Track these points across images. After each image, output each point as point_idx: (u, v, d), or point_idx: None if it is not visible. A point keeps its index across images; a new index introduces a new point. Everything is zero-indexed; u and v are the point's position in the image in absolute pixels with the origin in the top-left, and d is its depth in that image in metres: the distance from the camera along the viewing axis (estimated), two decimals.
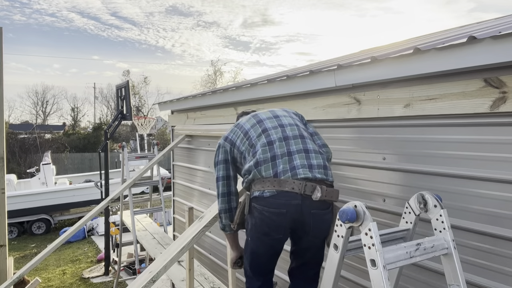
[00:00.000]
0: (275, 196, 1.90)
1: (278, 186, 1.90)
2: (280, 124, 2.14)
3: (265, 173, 1.96)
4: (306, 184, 1.88)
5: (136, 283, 2.36)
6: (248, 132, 2.15)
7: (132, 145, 23.02)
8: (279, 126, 2.12)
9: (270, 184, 1.92)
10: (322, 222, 1.94)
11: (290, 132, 2.09)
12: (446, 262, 1.66)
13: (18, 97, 70.63)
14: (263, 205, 1.93)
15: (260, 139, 2.07)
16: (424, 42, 2.51)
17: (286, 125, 2.13)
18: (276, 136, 2.06)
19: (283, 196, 1.89)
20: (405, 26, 67.69)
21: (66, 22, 58.46)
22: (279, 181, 1.91)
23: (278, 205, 1.90)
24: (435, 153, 2.06)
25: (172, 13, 66.00)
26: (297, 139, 2.06)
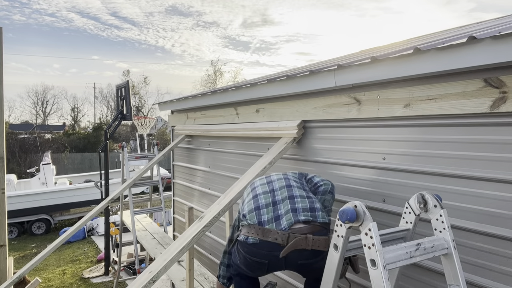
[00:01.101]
0: (258, 245, 1.89)
1: (261, 235, 1.89)
2: (269, 181, 2.24)
3: (250, 221, 1.99)
4: (289, 235, 1.84)
5: (136, 283, 2.36)
6: (245, 199, 2.25)
7: (132, 145, 23.02)
8: (266, 183, 2.22)
9: (255, 231, 1.92)
10: (311, 271, 1.91)
11: (277, 185, 2.17)
12: (446, 262, 1.66)
13: (18, 97, 70.65)
14: (246, 252, 1.95)
15: (248, 196, 2.19)
16: (424, 42, 2.51)
17: (274, 181, 2.22)
18: (261, 190, 2.15)
19: (265, 246, 1.87)
20: (405, 26, 67.70)
21: (66, 22, 58.51)
22: (263, 230, 1.90)
23: (260, 255, 1.90)
24: (435, 153, 2.06)
25: (172, 13, 66.02)
26: (283, 189, 2.11)
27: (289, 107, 3.12)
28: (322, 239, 1.85)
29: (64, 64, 63.53)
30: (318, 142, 2.86)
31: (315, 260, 1.86)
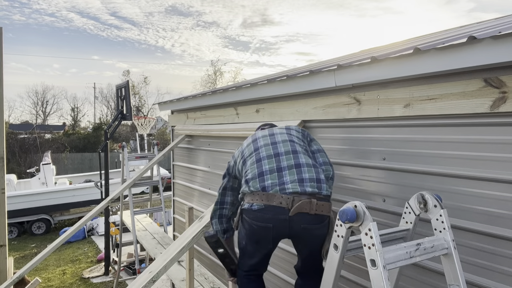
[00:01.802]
0: (263, 210, 1.93)
1: (266, 200, 1.93)
2: (273, 141, 2.18)
3: (253, 188, 2.00)
4: (294, 198, 1.88)
5: (136, 283, 2.36)
6: (243, 150, 2.27)
7: (132, 145, 23.01)
8: (271, 144, 2.17)
9: (259, 197, 1.95)
10: (314, 236, 1.95)
11: (282, 149, 2.12)
12: (446, 262, 1.66)
13: (18, 97, 70.70)
14: (251, 218, 1.98)
15: (251, 158, 2.16)
16: (424, 42, 2.51)
17: (279, 142, 2.18)
18: (265, 154, 2.12)
19: (270, 210, 1.90)
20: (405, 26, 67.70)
21: (66, 22, 58.48)
22: (267, 195, 1.93)
23: (265, 219, 1.93)
24: (435, 153, 2.06)
25: (172, 13, 65.99)
26: (289, 154, 2.08)
27: (289, 107, 3.12)
28: (326, 204, 1.90)
29: (64, 64, 63.54)
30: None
31: (318, 225, 1.90)
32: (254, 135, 2.35)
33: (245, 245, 2.14)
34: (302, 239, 2.00)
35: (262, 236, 1.99)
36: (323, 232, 1.92)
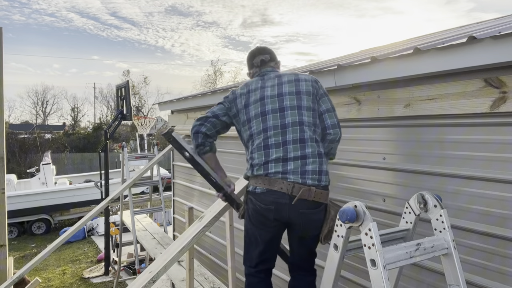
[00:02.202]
0: (265, 194, 2.05)
1: (268, 185, 2.04)
2: (281, 107, 2.10)
3: (257, 173, 2.08)
4: (294, 185, 1.99)
5: (136, 283, 2.36)
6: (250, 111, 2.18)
7: (132, 145, 23.01)
8: (278, 110, 2.10)
9: (262, 182, 2.06)
10: (311, 221, 2.04)
11: (291, 134, 2.05)
12: (446, 262, 1.66)
13: (18, 97, 70.62)
14: (256, 199, 2.10)
15: (259, 138, 2.11)
16: (424, 42, 2.51)
17: (287, 109, 2.09)
18: (274, 140, 2.07)
19: (272, 194, 2.02)
20: (405, 26, 67.71)
21: (66, 22, 58.50)
22: (269, 180, 2.04)
23: (267, 202, 2.04)
24: (435, 153, 2.06)
25: (172, 13, 66.03)
26: (296, 144, 2.04)
27: None
28: (324, 192, 2.02)
29: (64, 64, 63.56)
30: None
31: (315, 210, 2.02)
32: (263, 90, 2.17)
33: (250, 233, 2.22)
34: (298, 223, 2.07)
35: (265, 217, 2.09)
36: (319, 217, 2.04)
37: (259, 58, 2.34)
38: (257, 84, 2.22)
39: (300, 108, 2.08)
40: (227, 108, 2.28)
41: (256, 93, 2.18)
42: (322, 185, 2.02)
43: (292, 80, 2.17)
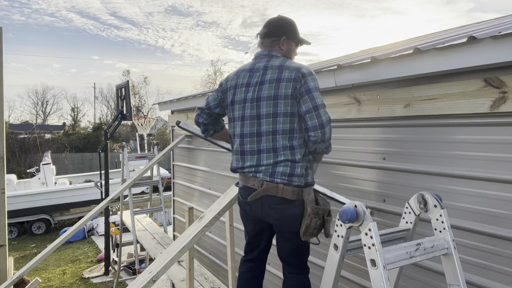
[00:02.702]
0: (243, 189, 2.22)
1: (244, 181, 2.19)
2: (258, 114, 2.09)
3: (236, 166, 2.23)
4: (263, 183, 2.08)
5: (136, 283, 2.36)
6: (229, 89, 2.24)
7: (132, 145, 23.01)
8: (256, 117, 2.10)
9: (240, 178, 2.24)
10: (284, 216, 2.09)
11: (264, 126, 2.08)
12: (446, 262, 1.66)
13: (18, 97, 70.77)
14: (239, 193, 2.30)
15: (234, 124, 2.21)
16: (424, 42, 2.51)
17: (263, 116, 2.08)
18: (248, 130, 2.12)
19: (247, 190, 2.16)
20: (405, 26, 67.70)
21: (66, 22, 58.57)
22: (245, 177, 2.18)
23: (245, 196, 2.19)
24: (435, 153, 2.06)
25: (172, 13, 66.08)
26: (269, 136, 2.07)
27: None
28: (289, 189, 2.03)
29: (64, 64, 63.65)
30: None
31: (288, 205, 2.05)
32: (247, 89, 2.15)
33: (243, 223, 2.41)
34: (273, 218, 2.13)
35: (244, 210, 2.28)
36: (293, 211, 2.05)
37: (260, 30, 2.26)
38: (245, 78, 2.18)
39: (276, 116, 2.05)
40: (220, 99, 2.31)
41: (242, 90, 2.17)
42: (294, 184, 2.04)
43: (274, 79, 2.07)
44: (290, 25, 2.26)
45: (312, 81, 2.05)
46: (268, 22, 2.26)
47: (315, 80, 2.07)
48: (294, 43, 2.28)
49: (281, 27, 2.23)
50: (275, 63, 2.12)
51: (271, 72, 2.10)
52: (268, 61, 2.16)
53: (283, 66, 2.09)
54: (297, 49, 2.34)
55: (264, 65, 2.15)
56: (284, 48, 2.23)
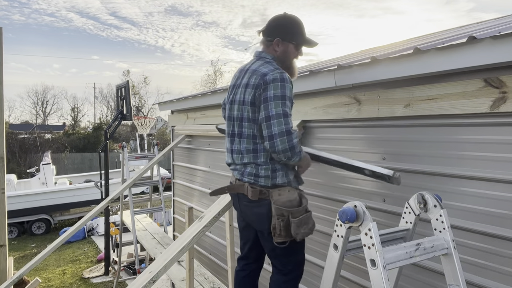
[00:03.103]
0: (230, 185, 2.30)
1: (231, 177, 2.32)
2: (231, 116, 2.20)
3: (226, 162, 2.32)
4: (236, 180, 2.21)
5: (136, 283, 2.36)
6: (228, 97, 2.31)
7: (132, 145, 23.01)
8: (233, 118, 2.18)
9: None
10: (254, 213, 2.17)
11: (236, 127, 2.17)
12: (446, 262, 1.66)
13: (18, 97, 70.78)
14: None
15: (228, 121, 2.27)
16: (424, 42, 2.51)
17: (235, 119, 2.17)
18: (230, 129, 2.22)
19: (229, 186, 2.29)
20: (405, 26, 67.70)
21: (65, 22, 58.60)
22: (232, 172, 2.30)
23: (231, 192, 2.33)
24: (435, 153, 2.06)
25: (171, 13, 66.11)
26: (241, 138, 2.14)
27: None
28: (254, 189, 2.10)
29: (64, 64, 63.69)
30: (318, 142, 2.85)
31: (255, 204, 2.13)
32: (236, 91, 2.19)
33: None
34: (246, 215, 2.25)
35: (234, 205, 2.38)
36: (261, 211, 2.10)
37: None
38: (235, 79, 2.26)
39: (241, 120, 2.11)
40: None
41: (230, 91, 2.26)
42: (259, 184, 2.10)
43: (245, 84, 2.10)
44: (289, 25, 2.16)
45: (274, 89, 1.95)
46: (269, 21, 2.22)
47: (279, 88, 1.95)
48: (292, 45, 2.17)
49: (277, 27, 2.16)
50: (253, 66, 2.11)
51: (246, 75, 2.12)
52: (253, 63, 2.16)
53: (255, 71, 2.07)
54: (299, 51, 2.23)
55: (248, 67, 2.17)
56: (279, 50, 2.16)
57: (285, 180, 2.10)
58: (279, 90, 1.96)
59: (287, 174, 2.12)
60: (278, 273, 2.24)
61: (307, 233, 2.07)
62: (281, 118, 1.93)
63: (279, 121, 1.93)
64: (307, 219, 2.07)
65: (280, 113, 1.93)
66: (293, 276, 2.22)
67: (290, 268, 2.21)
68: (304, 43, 2.23)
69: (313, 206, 2.85)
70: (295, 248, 2.17)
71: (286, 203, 2.05)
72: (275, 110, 1.93)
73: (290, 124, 1.97)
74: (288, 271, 2.21)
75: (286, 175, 2.11)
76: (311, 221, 2.10)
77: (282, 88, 1.97)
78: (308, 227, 2.08)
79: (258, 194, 2.09)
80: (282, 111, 1.94)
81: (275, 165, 2.09)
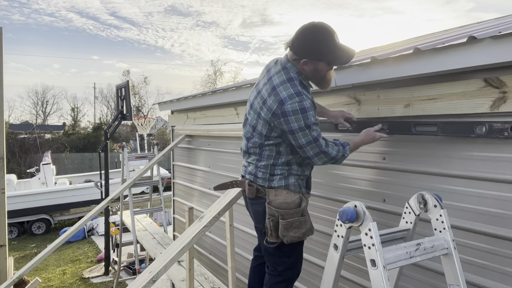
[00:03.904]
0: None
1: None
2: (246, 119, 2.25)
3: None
4: (242, 177, 2.34)
5: (136, 283, 2.36)
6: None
7: (132, 145, 23.02)
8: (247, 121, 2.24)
9: None
10: (253, 210, 2.31)
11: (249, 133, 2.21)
12: (446, 262, 1.66)
13: (18, 97, 70.75)
14: None
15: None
16: (424, 42, 2.51)
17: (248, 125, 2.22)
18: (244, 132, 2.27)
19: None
20: (404, 26, 67.72)
21: (65, 22, 58.64)
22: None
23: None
24: (435, 153, 2.05)
25: (171, 13, 66.15)
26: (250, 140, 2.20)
27: None
28: (249, 187, 2.23)
29: (64, 64, 63.70)
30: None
31: (254, 201, 2.25)
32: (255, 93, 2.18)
33: None
34: (250, 213, 2.38)
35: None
36: (258, 209, 2.22)
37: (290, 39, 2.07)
38: (260, 80, 2.20)
39: (254, 130, 2.16)
40: None
41: (254, 90, 2.24)
42: (258, 183, 2.19)
43: (263, 97, 2.05)
44: (317, 43, 1.97)
45: (297, 121, 1.93)
46: (296, 33, 2.02)
47: (301, 120, 1.92)
48: (323, 62, 2.02)
49: (304, 46, 2.00)
50: (275, 80, 2.02)
51: (265, 88, 2.06)
52: (276, 73, 2.05)
53: (274, 89, 1.99)
54: (332, 66, 2.08)
55: (270, 76, 2.08)
56: (308, 69, 2.03)
57: (282, 184, 2.12)
58: (302, 122, 1.92)
59: (286, 179, 2.14)
60: (270, 273, 2.27)
61: (297, 237, 2.07)
62: (313, 143, 1.98)
63: (312, 146, 1.99)
64: (299, 223, 2.08)
65: (310, 140, 1.97)
66: (284, 278, 2.23)
67: (281, 269, 2.22)
68: (336, 62, 2.10)
69: (313, 206, 2.85)
70: (288, 251, 2.18)
71: (282, 204, 2.08)
72: (305, 140, 1.97)
73: (323, 145, 2.00)
74: (278, 273, 2.22)
75: (285, 179, 2.13)
76: (305, 226, 2.11)
77: (304, 119, 1.92)
78: (300, 231, 2.08)
79: (255, 193, 2.19)
80: (312, 138, 1.97)
81: (274, 170, 2.13)
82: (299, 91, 1.95)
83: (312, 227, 2.17)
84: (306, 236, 2.13)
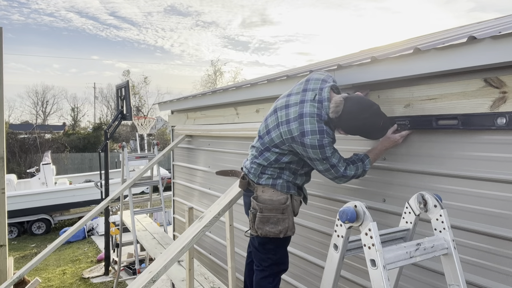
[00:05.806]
0: None
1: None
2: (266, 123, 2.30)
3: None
4: (242, 168, 2.46)
5: (136, 283, 2.36)
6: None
7: (132, 145, 23.02)
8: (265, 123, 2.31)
9: None
10: (244, 202, 2.50)
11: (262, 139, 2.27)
12: (446, 262, 1.66)
13: (18, 97, 70.75)
14: None
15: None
16: (424, 42, 2.51)
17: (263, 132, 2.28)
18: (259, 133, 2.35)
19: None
20: (405, 26, 67.72)
21: (65, 22, 58.64)
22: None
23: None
24: (435, 153, 2.05)
25: (171, 13, 66.15)
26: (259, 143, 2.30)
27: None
28: (241, 179, 2.40)
29: (64, 64, 63.71)
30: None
31: (244, 193, 2.46)
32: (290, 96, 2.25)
33: None
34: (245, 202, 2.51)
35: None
36: (247, 200, 2.39)
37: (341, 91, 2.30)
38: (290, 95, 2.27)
39: (268, 132, 2.24)
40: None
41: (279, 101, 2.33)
42: (249, 177, 2.34)
43: (287, 116, 2.14)
44: (364, 127, 2.10)
45: (314, 154, 2.07)
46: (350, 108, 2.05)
47: (319, 154, 2.06)
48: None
49: (348, 127, 2.13)
50: (306, 109, 2.08)
51: (294, 108, 2.13)
52: (311, 100, 2.11)
53: (302, 117, 2.07)
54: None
55: (304, 97, 2.14)
56: (338, 131, 2.20)
57: (269, 183, 2.25)
58: (319, 155, 2.07)
59: (274, 180, 2.26)
60: (256, 269, 2.39)
61: (273, 233, 2.17)
62: (331, 170, 2.12)
63: (330, 172, 2.14)
64: (277, 220, 2.17)
65: (327, 167, 2.12)
66: (270, 273, 2.33)
67: (266, 265, 2.33)
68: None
69: (313, 206, 2.85)
70: (273, 249, 2.30)
71: (266, 200, 2.21)
72: (323, 167, 2.13)
73: (341, 170, 2.12)
74: (263, 268, 2.34)
75: (273, 180, 2.26)
76: (283, 224, 2.18)
77: (322, 153, 2.06)
78: (277, 228, 2.17)
79: (246, 185, 2.37)
80: (329, 165, 2.10)
81: (266, 170, 2.27)
82: (322, 129, 2.06)
83: (293, 227, 2.24)
84: (283, 235, 2.20)
